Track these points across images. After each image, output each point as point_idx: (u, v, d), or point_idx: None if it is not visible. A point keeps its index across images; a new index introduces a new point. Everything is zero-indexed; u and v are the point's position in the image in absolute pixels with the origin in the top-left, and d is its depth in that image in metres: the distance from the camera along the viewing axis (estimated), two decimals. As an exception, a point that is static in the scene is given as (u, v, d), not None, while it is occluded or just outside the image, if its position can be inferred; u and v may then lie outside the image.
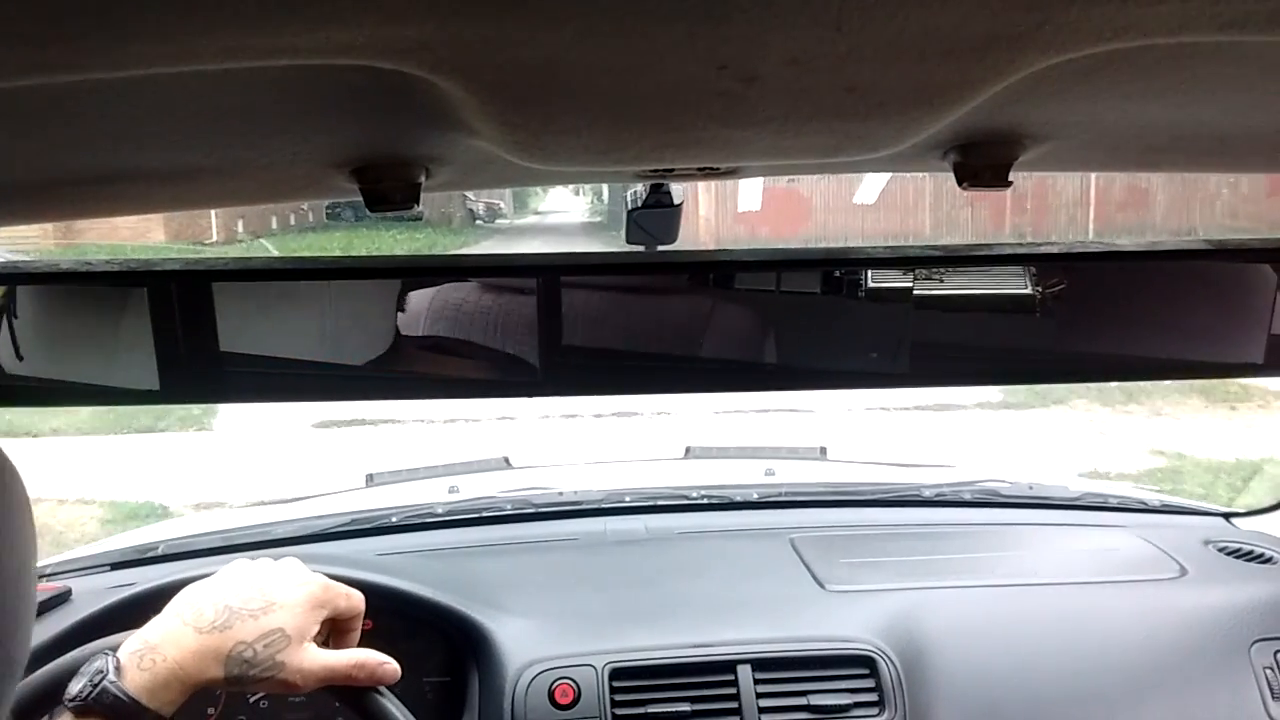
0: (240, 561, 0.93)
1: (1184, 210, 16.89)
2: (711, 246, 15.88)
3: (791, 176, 0.94)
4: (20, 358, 0.79)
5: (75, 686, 0.79)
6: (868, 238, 17.54)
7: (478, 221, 26.52)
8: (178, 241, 16.68)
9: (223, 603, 0.85)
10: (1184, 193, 16.87)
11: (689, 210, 1.01)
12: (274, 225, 20.97)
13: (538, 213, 37.08)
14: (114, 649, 0.82)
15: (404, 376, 0.82)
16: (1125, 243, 0.83)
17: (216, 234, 18.03)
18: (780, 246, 0.87)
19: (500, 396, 0.85)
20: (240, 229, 19.21)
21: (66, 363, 0.81)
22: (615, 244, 0.95)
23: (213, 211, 14.72)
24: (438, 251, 17.33)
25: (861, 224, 17.98)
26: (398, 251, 17.08)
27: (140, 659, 0.80)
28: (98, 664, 0.80)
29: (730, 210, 16.55)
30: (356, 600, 0.93)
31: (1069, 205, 17.82)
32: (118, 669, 0.79)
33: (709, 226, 17.11)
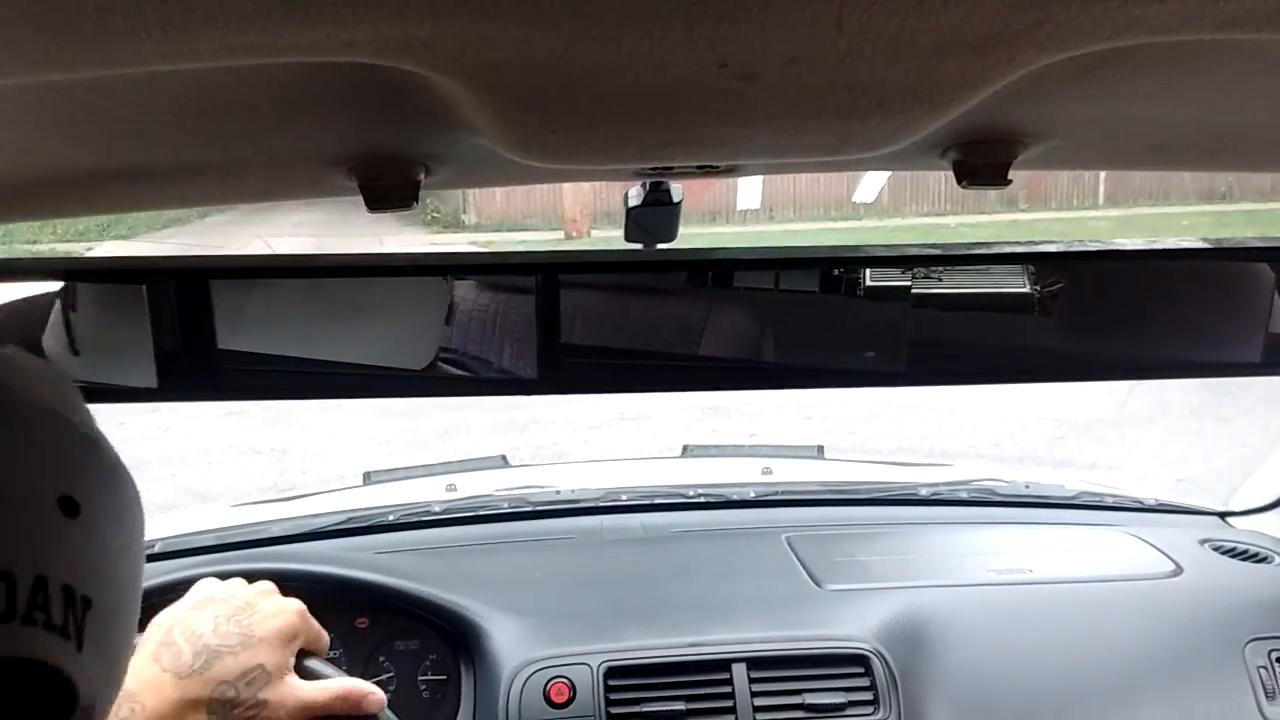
0: (210, 583, 0.89)
1: None
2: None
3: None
4: None
5: None
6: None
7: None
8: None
9: (201, 641, 0.82)
10: None
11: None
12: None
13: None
14: None
15: (401, 374, 0.82)
16: (1123, 241, 0.83)
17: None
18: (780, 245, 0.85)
19: (497, 395, 0.86)
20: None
21: (64, 360, 0.81)
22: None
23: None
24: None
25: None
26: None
27: (118, 710, 0.75)
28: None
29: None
30: (325, 634, 0.91)
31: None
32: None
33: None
